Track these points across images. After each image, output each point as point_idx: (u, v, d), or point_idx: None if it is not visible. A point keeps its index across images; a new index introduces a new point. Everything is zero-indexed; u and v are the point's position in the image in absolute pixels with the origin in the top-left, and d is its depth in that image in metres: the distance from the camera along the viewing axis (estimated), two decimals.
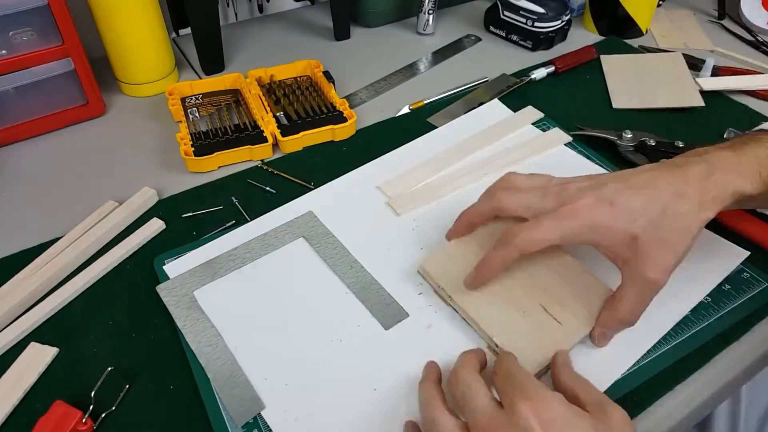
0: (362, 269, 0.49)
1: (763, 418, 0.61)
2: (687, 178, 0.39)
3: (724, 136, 0.64)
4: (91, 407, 0.40)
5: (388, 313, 0.46)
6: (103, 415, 0.40)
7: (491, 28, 0.83)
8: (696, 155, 0.41)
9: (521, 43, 0.80)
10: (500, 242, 0.41)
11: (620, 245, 0.39)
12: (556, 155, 0.61)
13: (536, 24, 0.77)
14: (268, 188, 0.58)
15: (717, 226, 0.52)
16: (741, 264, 0.49)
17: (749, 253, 0.50)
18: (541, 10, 0.77)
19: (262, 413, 0.40)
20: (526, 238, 0.39)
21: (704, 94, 0.69)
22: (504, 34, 0.82)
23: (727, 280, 0.48)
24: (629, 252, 0.38)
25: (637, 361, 0.43)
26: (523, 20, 0.78)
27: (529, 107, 0.67)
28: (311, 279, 0.49)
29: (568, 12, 0.79)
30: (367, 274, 0.48)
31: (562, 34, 0.81)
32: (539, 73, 0.73)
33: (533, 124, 0.65)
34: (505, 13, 0.80)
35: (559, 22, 0.78)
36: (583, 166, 0.59)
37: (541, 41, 0.79)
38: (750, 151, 0.41)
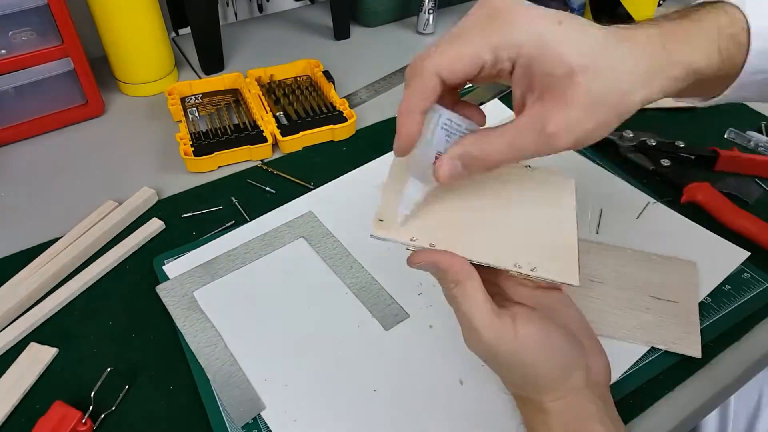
0: (362, 269, 0.49)
1: (752, 417, 0.61)
2: (638, 41, 0.31)
3: (725, 136, 0.64)
4: (91, 408, 0.40)
5: (389, 313, 0.46)
6: (103, 415, 0.40)
7: None
8: (649, 22, 0.33)
9: None
10: (411, 71, 0.33)
11: (549, 75, 0.30)
12: (556, 155, 0.61)
13: None
14: (267, 188, 0.58)
15: (717, 226, 0.52)
16: (741, 264, 0.49)
17: (749, 253, 0.50)
18: None
19: (262, 414, 0.40)
20: (442, 55, 0.31)
21: None
22: None
23: (727, 280, 0.48)
24: (552, 88, 0.30)
25: (636, 362, 0.43)
26: None
27: None
28: (311, 279, 0.48)
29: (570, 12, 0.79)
30: (367, 274, 0.48)
31: None
32: None
33: None
34: None
35: None
36: (583, 166, 0.59)
37: None
38: (707, 19, 0.33)
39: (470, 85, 0.72)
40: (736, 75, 0.34)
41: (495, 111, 0.67)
